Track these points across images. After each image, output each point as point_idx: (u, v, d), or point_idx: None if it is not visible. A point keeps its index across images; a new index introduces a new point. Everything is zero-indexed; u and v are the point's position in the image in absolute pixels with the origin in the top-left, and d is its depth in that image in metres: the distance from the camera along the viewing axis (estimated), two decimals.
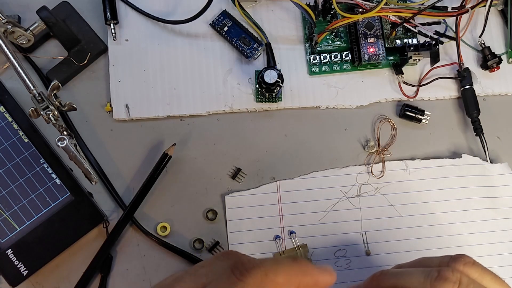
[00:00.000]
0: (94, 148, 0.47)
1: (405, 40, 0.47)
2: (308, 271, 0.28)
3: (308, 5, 0.44)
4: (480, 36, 0.49)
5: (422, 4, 0.45)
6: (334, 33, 0.48)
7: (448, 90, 0.49)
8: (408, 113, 0.47)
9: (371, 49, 0.46)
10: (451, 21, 0.49)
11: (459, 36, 0.47)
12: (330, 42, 0.48)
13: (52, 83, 0.38)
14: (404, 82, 0.48)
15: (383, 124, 0.48)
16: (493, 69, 0.48)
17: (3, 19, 0.41)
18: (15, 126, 0.44)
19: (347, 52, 0.48)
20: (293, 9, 0.49)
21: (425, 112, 0.47)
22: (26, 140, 0.44)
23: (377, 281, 0.33)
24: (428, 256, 0.34)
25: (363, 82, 0.48)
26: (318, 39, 0.46)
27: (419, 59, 0.47)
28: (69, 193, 0.43)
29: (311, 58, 0.48)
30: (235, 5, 0.46)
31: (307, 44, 0.49)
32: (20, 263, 0.42)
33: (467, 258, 0.32)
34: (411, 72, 0.48)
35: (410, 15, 0.44)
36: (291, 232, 0.45)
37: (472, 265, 0.32)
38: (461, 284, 0.31)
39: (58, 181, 0.44)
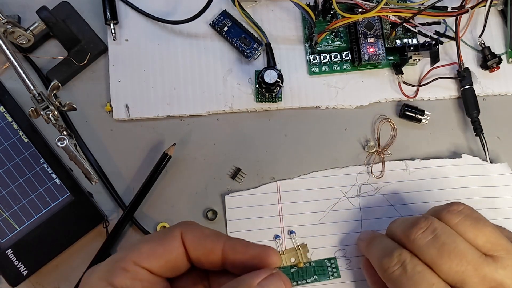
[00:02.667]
0: (94, 148, 0.47)
1: (405, 40, 0.47)
2: (236, 239, 0.29)
3: (308, 5, 0.44)
4: (480, 36, 0.49)
5: (422, 4, 0.45)
6: (334, 33, 0.48)
7: (448, 90, 0.49)
8: (408, 113, 0.47)
9: (371, 49, 0.46)
10: (451, 21, 0.49)
11: (459, 36, 0.47)
12: (330, 42, 0.48)
13: (52, 83, 0.38)
14: (404, 82, 0.48)
15: (383, 124, 0.48)
16: (493, 69, 0.48)
17: (3, 19, 0.41)
18: (15, 126, 0.44)
19: (347, 52, 0.48)
20: (293, 9, 0.49)
21: (425, 112, 0.47)
22: (26, 140, 0.44)
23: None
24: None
25: (363, 82, 0.48)
26: (318, 39, 0.46)
27: (419, 59, 0.47)
28: (69, 193, 0.43)
29: (311, 58, 0.48)
30: (235, 5, 0.46)
31: (307, 44, 0.49)
32: (20, 263, 0.42)
33: (454, 206, 0.35)
34: (411, 72, 0.48)
35: (410, 15, 0.44)
36: (291, 232, 0.45)
37: (455, 212, 0.34)
38: (431, 230, 0.33)
39: (58, 181, 0.44)
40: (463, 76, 0.47)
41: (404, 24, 0.46)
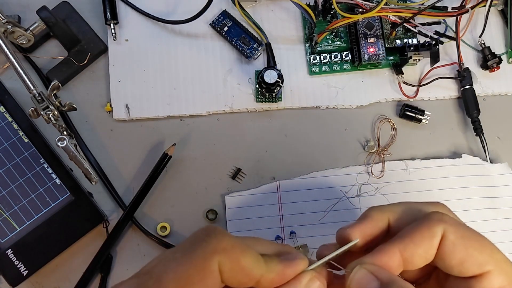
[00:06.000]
0: (94, 148, 0.47)
1: (405, 40, 0.47)
2: (274, 262, 0.27)
3: (308, 5, 0.44)
4: (480, 36, 0.49)
5: (422, 4, 0.45)
6: (334, 33, 0.48)
7: (448, 90, 0.49)
8: (408, 113, 0.47)
9: (371, 49, 0.46)
10: (451, 21, 0.49)
11: (459, 36, 0.47)
12: (330, 42, 0.48)
13: (52, 83, 0.38)
14: (404, 82, 0.48)
15: (383, 124, 0.48)
16: (493, 69, 0.48)
17: (3, 19, 0.41)
18: (15, 126, 0.44)
19: (347, 52, 0.48)
20: (293, 9, 0.49)
21: (425, 112, 0.47)
22: (26, 140, 0.44)
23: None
24: (413, 207, 0.28)
25: (363, 82, 0.48)
26: (318, 39, 0.46)
27: (419, 59, 0.47)
28: (69, 193, 0.43)
29: (311, 58, 0.48)
30: (235, 5, 0.46)
31: (307, 44, 0.49)
32: (20, 263, 0.42)
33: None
34: (411, 72, 0.48)
35: (410, 15, 0.44)
36: (291, 232, 0.45)
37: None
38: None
39: (58, 181, 0.44)
40: (463, 76, 0.47)
41: (404, 24, 0.46)
